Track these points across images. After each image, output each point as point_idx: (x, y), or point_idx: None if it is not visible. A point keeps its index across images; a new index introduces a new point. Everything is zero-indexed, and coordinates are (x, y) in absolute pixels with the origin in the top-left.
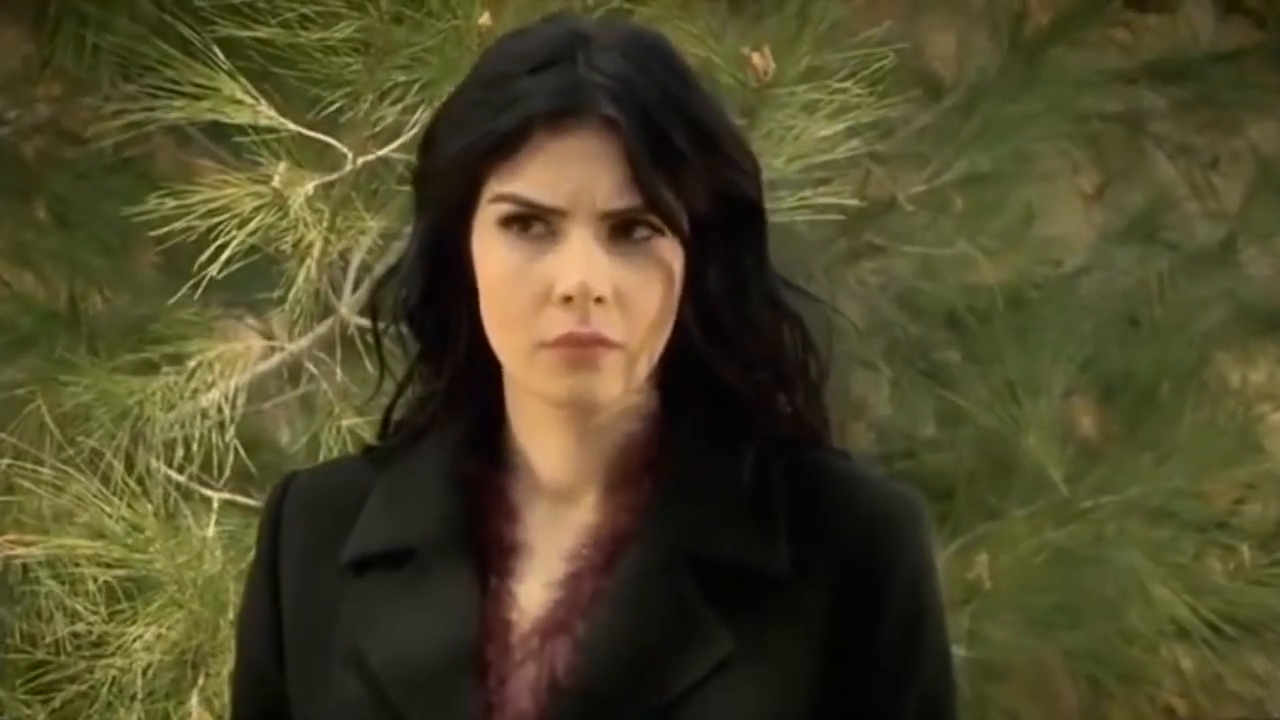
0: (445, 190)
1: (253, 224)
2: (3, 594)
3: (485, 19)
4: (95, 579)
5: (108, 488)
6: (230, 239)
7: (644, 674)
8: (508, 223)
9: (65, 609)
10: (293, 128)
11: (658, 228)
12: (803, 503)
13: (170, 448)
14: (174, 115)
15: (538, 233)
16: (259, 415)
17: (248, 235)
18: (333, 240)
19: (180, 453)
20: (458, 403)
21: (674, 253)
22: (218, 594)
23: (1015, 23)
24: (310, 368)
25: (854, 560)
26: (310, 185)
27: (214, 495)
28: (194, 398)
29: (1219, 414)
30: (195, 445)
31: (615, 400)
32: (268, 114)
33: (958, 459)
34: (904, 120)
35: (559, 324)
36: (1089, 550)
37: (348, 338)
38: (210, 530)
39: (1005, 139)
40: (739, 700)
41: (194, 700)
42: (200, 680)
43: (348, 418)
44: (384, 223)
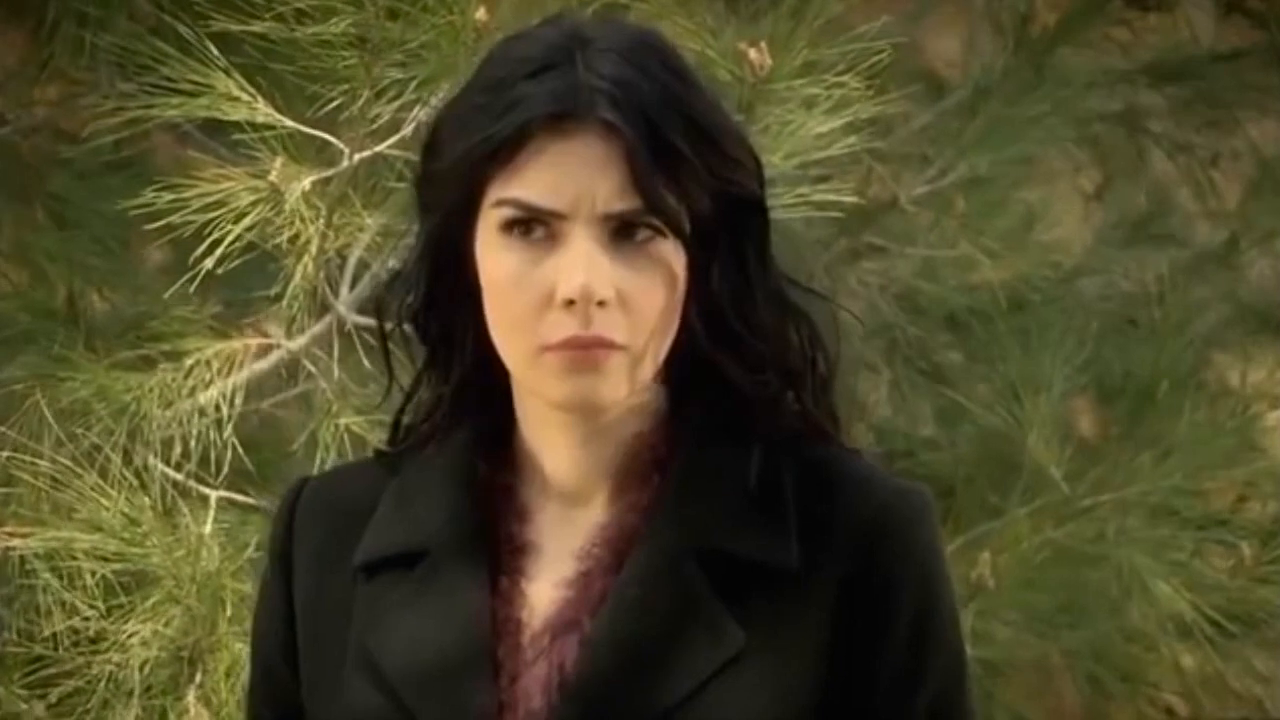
0: (447, 195)
1: (249, 218)
2: (1, 589)
3: (481, 14)
4: (93, 574)
5: (106, 482)
6: (227, 233)
7: (653, 671)
8: (509, 227)
9: (63, 604)
10: (289, 124)
11: (659, 229)
12: (812, 500)
13: (168, 445)
14: (171, 112)
15: (539, 236)
16: (256, 413)
17: (245, 230)
18: (330, 237)
19: (178, 450)
20: (466, 406)
21: (676, 253)
22: (215, 590)
23: (1020, 23)
24: (308, 365)
25: (864, 557)
26: (307, 181)
27: (211, 492)
28: (192, 395)
29: (1218, 413)
30: (193, 442)
31: (620, 402)
32: (264, 110)
33: (957, 458)
34: (905, 119)
35: (562, 327)
36: (1090, 548)
37: (345, 335)
38: (208, 527)
39: (1008, 141)
40: (750, 696)
41: (191, 696)
42: (197, 676)
43: (345, 415)
44: (381, 219)
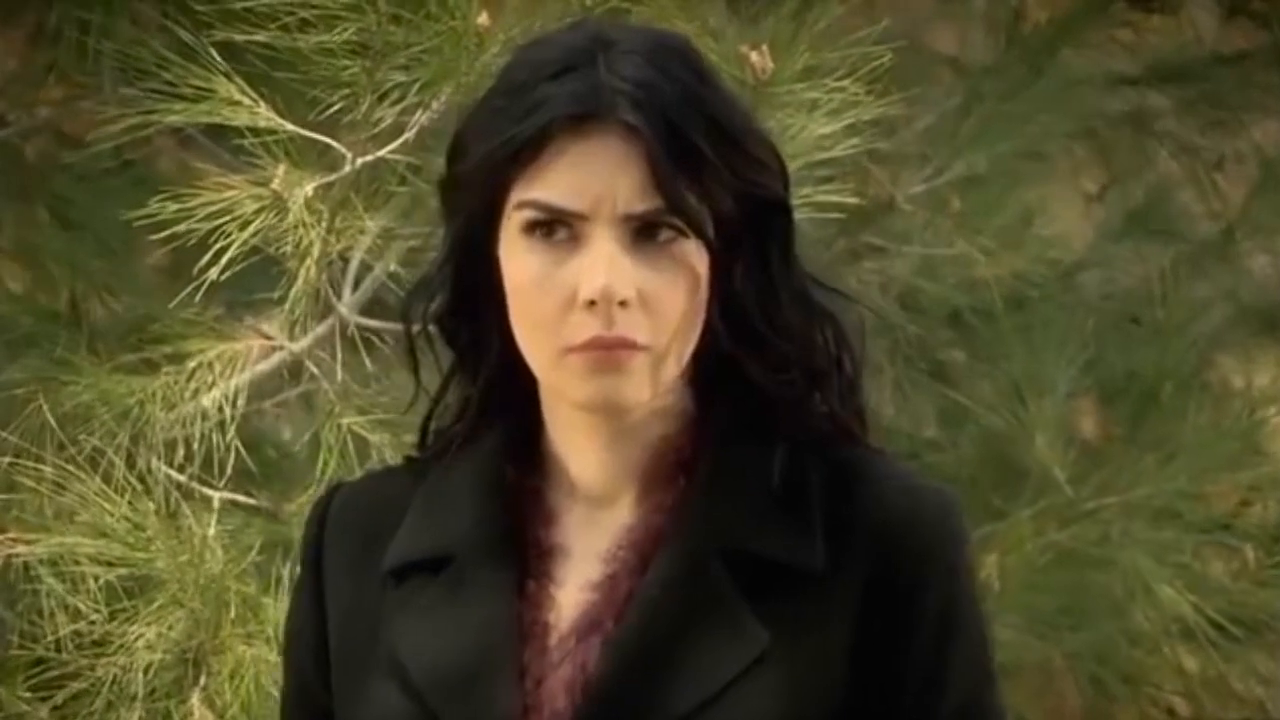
0: (471, 197)
1: (253, 226)
2: (5, 592)
3: (483, 19)
4: (96, 578)
5: (109, 486)
6: (231, 241)
7: (676, 671)
8: (531, 229)
9: (66, 607)
10: (292, 129)
11: (681, 230)
12: (837, 500)
13: (171, 447)
14: (173, 118)
15: (561, 238)
16: (259, 415)
17: (248, 237)
18: (332, 240)
19: (181, 452)
20: (493, 410)
21: (698, 254)
22: (219, 593)
23: (1015, 22)
24: (311, 367)
25: (889, 558)
26: (310, 186)
27: (215, 495)
28: (194, 397)
29: (1222, 415)
30: (196, 445)
31: (644, 402)
32: (267, 115)
33: (960, 459)
34: (906, 120)
35: (584, 328)
36: (1093, 551)
37: (348, 337)
38: (211, 529)
39: (1006, 139)
40: (773, 697)
41: (195, 699)
42: (202, 679)
43: (348, 417)
44: (383, 223)
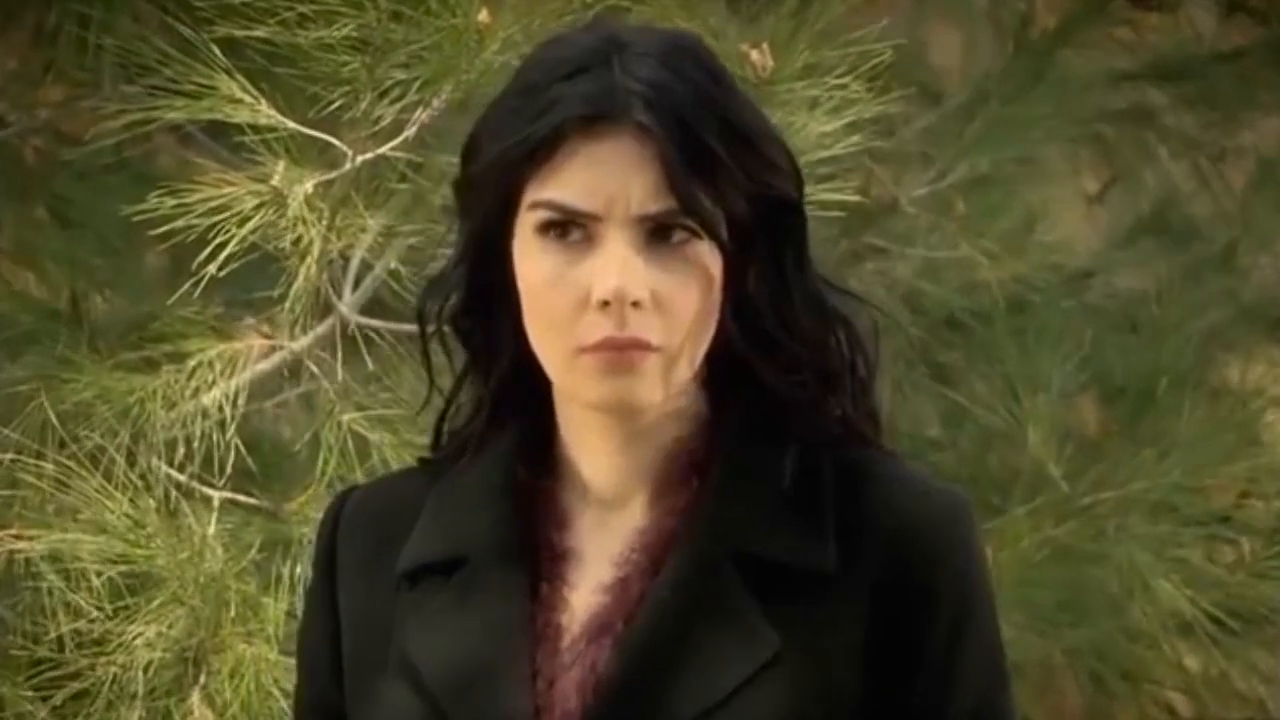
0: (485, 197)
1: (252, 222)
2: (5, 590)
3: (484, 16)
4: (97, 576)
5: (109, 484)
6: (230, 237)
7: (686, 673)
8: (545, 229)
9: (67, 606)
10: (292, 126)
11: (694, 231)
12: (849, 503)
13: (171, 446)
14: (174, 115)
15: (575, 239)
16: (260, 414)
17: (248, 234)
18: (332, 239)
19: (181, 451)
20: (507, 411)
21: (712, 256)
22: (219, 592)
23: (1020, 24)
24: (311, 366)
25: (901, 560)
26: (310, 183)
27: (215, 494)
28: (195, 396)
29: (1219, 410)
30: (196, 443)
31: (657, 404)
32: (267, 112)
33: (959, 458)
34: (906, 120)
35: (597, 329)
36: (1090, 547)
37: (348, 336)
38: (211, 528)
39: (1009, 141)
40: (784, 700)
41: (195, 697)
42: (202, 677)
43: (348, 416)
44: (384, 221)
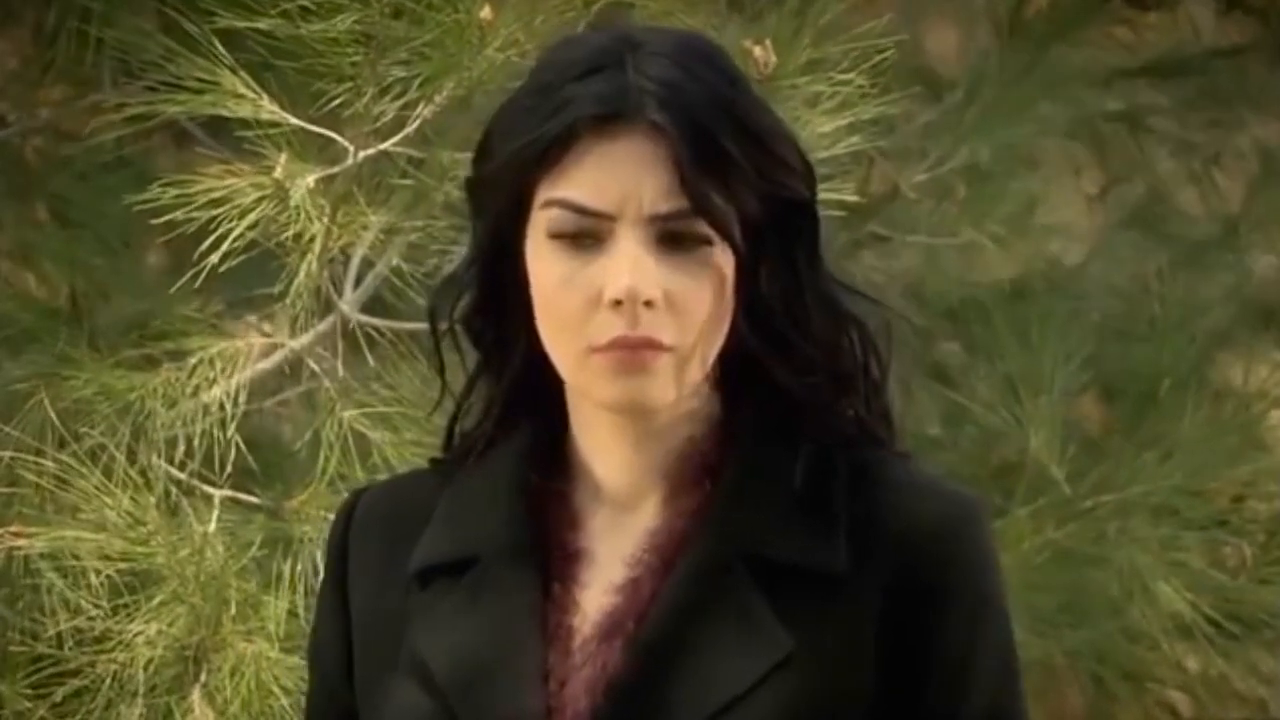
0: (498, 198)
1: (253, 215)
2: (5, 589)
3: (485, 12)
4: (97, 573)
5: (110, 482)
6: (230, 231)
7: (698, 674)
8: (557, 238)
9: (67, 604)
10: (294, 122)
11: (705, 237)
12: (861, 504)
13: (172, 444)
14: (175, 109)
15: (588, 240)
16: (260, 412)
17: (248, 228)
18: (334, 235)
19: (181, 449)
20: (519, 412)
21: (725, 256)
22: (219, 589)
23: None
24: (312, 364)
25: (913, 562)
26: (311, 178)
27: (215, 492)
28: (195, 394)
29: (1221, 412)
30: (197, 441)
31: (669, 404)
32: (269, 108)
33: (960, 457)
34: (906, 116)
35: (609, 328)
36: (1091, 548)
37: (349, 334)
38: (212, 526)
39: (1005, 130)
40: (797, 700)
41: (196, 695)
42: (202, 675)
43: (349, 414)
44: (386, 218)
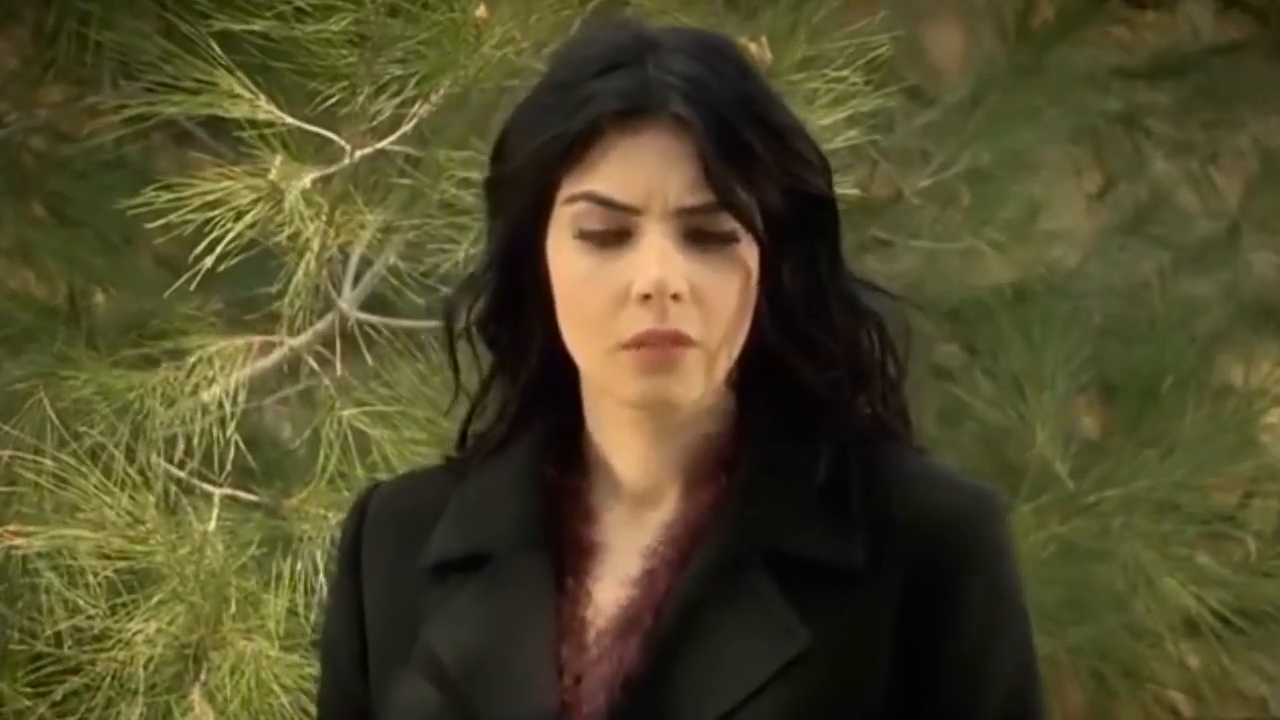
0: (518, 196)
1: (250, 216)
2: (4, 588)
3: (481, 11)
4: (96, 572)
5: (109, 481)
6: (228, 231)
7: (715, 669)
8: (583, 237)
9: (66, 602)
10: (290, 121)
11: (731, 233)
12: (879, 499)
13: (171, 443)
14: (172, 110)
15: (613, 238)
16: (259, 411)
17: (246, 228)
18: (331, 234)
19: (181, 448)
20: (534, 409)
21: (750, 250)
22: (219, 588)
23: (1019, 20)
24: (311, 363)
25: (931, 557)
26: (308, 178)
27: (215, 490)
28: (194, 393)
29: (1222, 409)
30: (196, 440)
31: (694, 400)
32: (265, 108)
33: (962, 455)
34: (906, 117)
35: (638, 322)
36: (1094, 544)
37: (348, 332)
38: (211, 524)
39: (1008, 134)
40: (813, 695)
41: (195, 694)
42: (202, 674)
43: (348, 412)
44: (383, 217)
